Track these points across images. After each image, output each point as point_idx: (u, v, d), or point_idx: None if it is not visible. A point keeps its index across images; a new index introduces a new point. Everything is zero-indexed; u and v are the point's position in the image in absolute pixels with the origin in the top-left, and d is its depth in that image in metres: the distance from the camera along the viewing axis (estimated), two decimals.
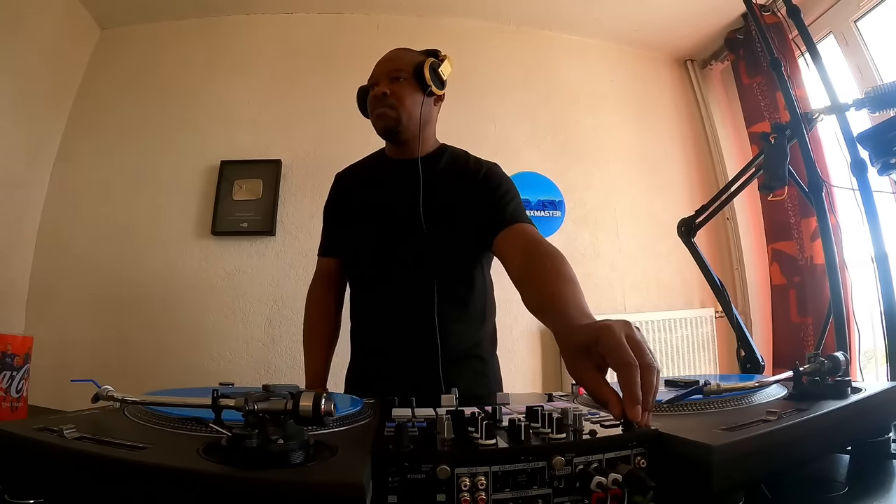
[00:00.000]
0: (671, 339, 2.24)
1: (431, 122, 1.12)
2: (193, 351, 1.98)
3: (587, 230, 2.32)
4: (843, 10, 2.04)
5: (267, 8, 2.33)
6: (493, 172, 1.08)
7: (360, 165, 1.22)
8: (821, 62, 1.06)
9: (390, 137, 1.08)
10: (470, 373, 1.04)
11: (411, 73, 1.06)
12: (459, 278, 1.05)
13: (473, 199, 1.03)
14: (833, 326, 0.96)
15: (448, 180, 1.07)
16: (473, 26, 2.43)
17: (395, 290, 1.05)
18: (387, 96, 1.04)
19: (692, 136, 2.62)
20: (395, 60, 1.08)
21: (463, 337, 1.05)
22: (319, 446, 0.41)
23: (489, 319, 1.12)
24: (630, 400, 0.46)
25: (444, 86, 1.10)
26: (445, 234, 1.01)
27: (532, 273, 0.82)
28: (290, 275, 2.08)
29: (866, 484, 0.53)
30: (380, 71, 1.08)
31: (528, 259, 0.86)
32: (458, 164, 1.10)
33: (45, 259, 2.01)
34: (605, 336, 0.50)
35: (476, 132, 2.25)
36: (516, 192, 1.07)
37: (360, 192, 1.15)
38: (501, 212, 1.00)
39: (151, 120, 2.19)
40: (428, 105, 1.08)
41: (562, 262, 0.81)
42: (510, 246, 0.95)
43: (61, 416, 0.51)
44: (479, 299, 1.09)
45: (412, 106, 1.05)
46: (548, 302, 0.71)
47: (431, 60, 1.07)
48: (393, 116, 1.04)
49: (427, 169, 1.06)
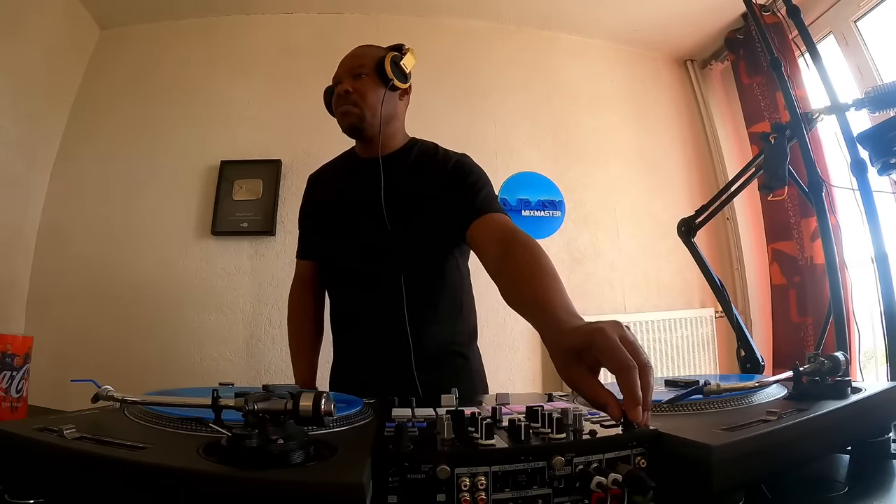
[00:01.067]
0: (671, 339, 2.24)
1: (397, 116, 1.10)
2: (193, 351, 1.98)
3: (587, 230, 2.32)
4: (843, 10, 2.04)
5: (267, 8, 2.33)
6: (462, 163, 1.06)
7: (331, 165, 1.21)
8: (821, 62, 1.06)
9: (355, 135, 1.07)
10: (450, 370, 1.04)
11: (373, 69, 1.04)
12: (431, 275, 1.04)
13: (443, 191, 1.01)
14: (833, 326, 0.96)
15: (416, 175, 1.05)
16: (474, 26, 2.43)
17: (366, 290, 1.05)
18: (349, 94, 1.02)
19: (692, 137, 2.62)
20: (356, 57, 1.07)
21: (439, 334, 1.03)
22: (319, 446, 0.41)
23: (466, 314, 1.10)
24: (631, 401, 0.46)
25: (408, 79, 1.08)
26: (414, 231, 1.00)
27: (510, 266, 0.80)
28: (290, 275, 2.04)
29: (866, 484, 0.53)
30: (342, 69, 1.07)
31: (504, 251, 0.84)
32: (427, 158, 1.08)
33: (45, 259, 2.01)
34: (600, 339, 0.49)
35: (476, 132, 2.24)
36: (487, 180, 1.04)
37: (330, 192, 1.14)
38: (472, 201, 0.97)
39: (151, 120, 2.19)
40: (392, 100, 1.06)
41: (539, 253, 0.79)
42: (484, 236, 0.92)
43: (61, 416, 0.51)
44: (455, 294, 1.07)
45: (375, 102, 1.03)
46: (530, 299, 0.69)
47: (392, 54, 1.05)
48: (356, 114, 1.03)
49: (396, 164, 1.05)
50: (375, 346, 1.04)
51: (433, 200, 1.01)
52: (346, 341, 1.12)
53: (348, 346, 1.12)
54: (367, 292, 1.05)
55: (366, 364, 1.05)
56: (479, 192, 0.99)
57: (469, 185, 1.01)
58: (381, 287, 1.02)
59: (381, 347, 1.02)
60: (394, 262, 1.00)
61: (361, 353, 1.07)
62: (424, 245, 1.02)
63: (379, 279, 1.02)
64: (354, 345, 1.10)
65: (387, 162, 1.04)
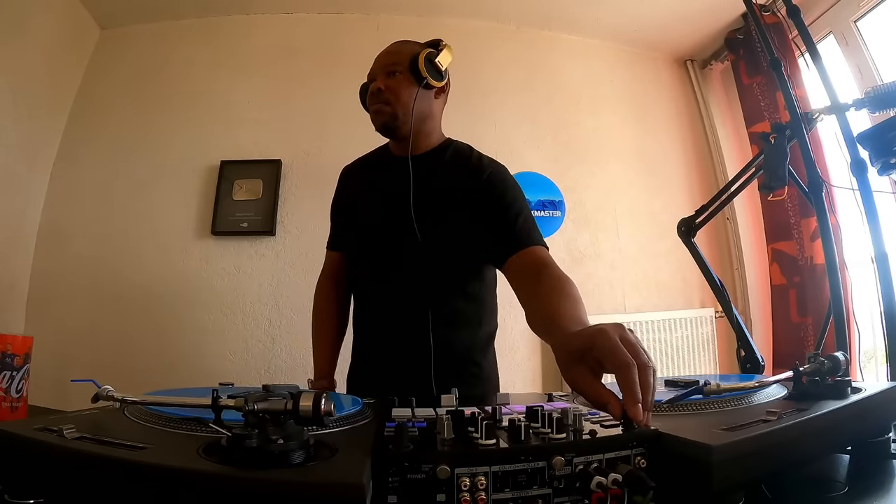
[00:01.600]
0: (671, 339, 2.24)
1: (433, 115, 1.08)
2: (193, 351, 1.98)
3: (587, 230, 2.32)
4: (843, 10, 2.04)
5: (267, 8, 2.33)
6: (498, 177, 1.04)
7: (364, 160, 1.20)
8: (821, 62, 1.06)
9: (388, 133, 1.06)
10: (466, 377, 1.03)
11: (407, 66, 1.02)
12: (456, 281, 1.03)
13: (476, 199, 1.00)
14: (833, 326, 0.95)
15: (450, 177, 1.04)
16: (474, 26, 2.43)
17: (390, 292, 1.04)
18: (382, 92, 1.01)
19: (692, 137, 2.62)
20: (391, 54, 1.05)
21: (458, 342, 1.03)
22: (319, 446, 0.41)
23: (488, 321, 1.10)
24: (631, 400, 0.46)
25: (444, 76, 1.05)
26: (443, 233, 0.99)
27: (538, 295, 0.83)
28: (290, 275, 2.08)
29: (866, 484, 0.53)
30: (377, 66, 1.06)
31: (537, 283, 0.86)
32: (461, 161, 1.07)
33: (45, 259, 2.01)
34: (600, 340, 0.50)
35: (477, 132, 2.23)
36: (523, 201, 1.03)
37: (363, 187, 1.14)
38: (511, 231, 0.96)
39: (151, 120, 2.19)
40: (426, 98, 1.04)
41: (568, 284, 0.82)
42: (521, 273, 0.92)
43: (61, 416, 0.51)
44: (478, 302, 1.07)
45: (408, 100, 1.02)
46: (548, 318, 0.72)
47: (427, 51, 1.03)
48: (388, 112, 1.01)
49: (430, 164, 1.04)
50: (393, 350, 1.03)
51: (464, 206, 1.00)
52: (365, 342, 1.11)
53: (366, 348, 1.11)
54: (391, 291, 1.04)
55: (382, 368, 1.04)
56: (515, 219, 0.98)
57: (505, 207, 0.99)
58: (406, 287, 1.02)
59: (400, 348, 1.02)
60: (420, 267, 0.99)
61: (378, 357, 1.07)
62: (453, 247, 1.01)
63: (405, 278, 1.02)
64: (372, 347, 1.09)
65: (421, 161, 1.03)
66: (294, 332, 2.03)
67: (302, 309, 2.05)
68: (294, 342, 2.02)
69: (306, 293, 2.04)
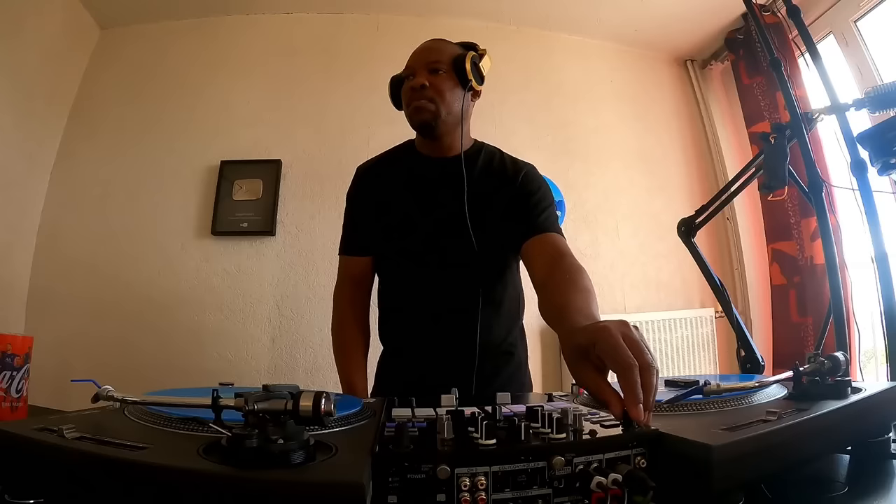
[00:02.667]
0: (671, 339, 2.24)
1: (468, 118, 1.08)
2: (193, 351, 1.98)
3: (587, 230, 2.33)
4: (843, 10, 2.04)
5: (267, 8, 2.33)
6: (531, 176, 1.06)
7: (386, 159, 1.14)
8: (821, 62, 1.06)
9: (426, 132, 1.03)
10: (505, 369, 1.07)
11: (451, 66, 1.01)
12: (497, 276, 1.06)
13: (509, 202, 1.02)
14: (833, 326, 0.95)
15: (485, 181, 1.05)
16: (474, 26, 2.43)
17: (431, 289, 1.04)
18: (425, 88, 0.99)
19: (692, 137, 2.62)
20: (433, 51, 1.04)
21: (499, 334, 1.06)
22: (319, 446, 0.41)
23: (521, 316, 1.14)
24: (632, 400, 0.46)
25: (484, 81, 1.06)
26: (485, 235, 1.01)
27: (550, 283, 0.83)
28: (290, 275, 2.08)
29: (866, 484, 0.53)
30: (417, 61, 1.03)
31: (551, 269, 0.87)
32: (495, 163, 1.08)
33: (45, 259, 2.01)
34: (603, 337, 0.50)
35: (476, 132, 2.23)
36: (552, 198, 1.06)
37: (392, 188, 1.08)
38: (534, 218, 0.99)
39: (151, 120, 2.19)
40: (466, 101, 1.04)
41: (581, 274, 0.83)
42: (537, 254, 0.95)
43: (61, 416, 0.51)
44: (513, 298, 1.10)
45: (452, 100, 1.01)
46: (557, 309, 0.72)
47: (472, 54, 1.03)
48: (431, 110, 0.99)
49: (466, 166, 1.03)
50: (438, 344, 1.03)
51: (501, 207, 1.02)
52: (402, 337, 1.11)
53: (403, 343, 1.10)
54: (430, 290, 1.04)
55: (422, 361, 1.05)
56: (543, 211, 1.01)
57: (535, 201, 1.02)
58: (446, 286, 1.03)
59: (443, 345, 1.02)
60: (466, 262, 1.00)
61: (418, 351, 1.07)
62: (494, 247, 1.02)
63: (445, 278, 1.03)
64: (411, 342, 1.09)
65: (455, 164, 1.03)
66: (294, 332, 2.03)
67: (302, 309, 2.05)
68: (294, 342, 2.02)
69: (306, 293, 2.07)
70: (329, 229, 2.07)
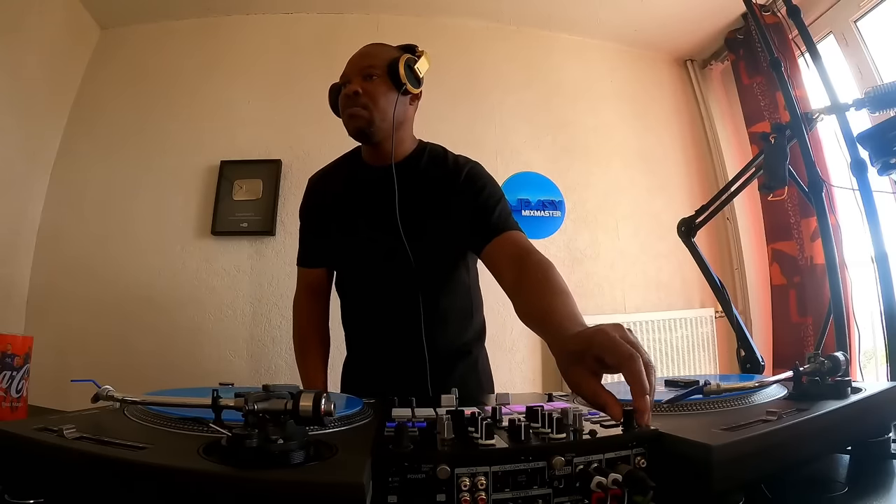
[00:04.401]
0: (671, 339, 2.24)
1: (407, 121, 1.07)
2: (193, 351, 1.98)
3: (587, 230, 2.32)
4: (843, 10, 2.04)
5: (267, 8, 2.33)
6: (475, 173, 1.04)
7: (333, 170, 1.15)
8: (821, 62, 1.06)
9: (362, 139, 1.03)
10: (460, 370, 1.06)
11: (385, 71, 0.99)
12: (442, 279, 1.04)
13: (456, 202, 1.00)
14: (833, 326, 0.96)
15: (428, 182, 1.03)
16: (474, 26, 2.43)
17: (379, 297, 1.05)
18: (358, 95, 0.97)
19: (692, 136, 2.62)
20: (367, 57, 1.02)
21: (450, 338, 1.05)
22: (319, 446, 0.41)
23: (476, 315, 1.12)
24: (639, 390, 0.46)
25: (421, 84, 1.04)
26: (427, 239, 1.00)
27: (524, 285, 0.82)
28: (290, 275, 2.06)
29: (866, 484, 0.53)
30: (352, 68, 1.02)
31: (519, 272, 0.86)
32: (438, 165, 1.06)
33: (45, 259, 2.01)
34: (599, 337, 0.50)
35: (476, 132, 2.24)
36: (501, 192, 1.04)
37: (337, 199, 1.09)
38: (488, 219, 0.97)
39: (151, 120, 2.19)
40: (403, 104, 1.02)
41: (552, 272, 0.81)
42: (501, 256, 0.93)
43: (61, 416, 0.51)
44: (465, 298, 1.09)
45: (386, 106, 0.99)
46: (539, 314, 0.72)
47: (407, 57, 1.01)
48: (365, 117, 0.98)
49: (406, 171, 1.03)
50: (387, 349, 1.05)
51: (445, 209, 1.01)
52: (359, 343, 1.13)
53: (361, 348, 1.12)
54: (379, 298, 1.05)
55: (377, 367, 1.06)
56: (493, 209, 0.99)
57: (483, 200, 1.00)
58: (393, 293, 1.03)
59: (393, 351, 1.04)
60: (407, 270, 0.99)
61: (373, 357, 1.08)
62: (437, 252, 1.02)
63: (391, 285, 1.03)
64: (366, 348, 1.11)
65: (398, 168, 1.01)
66: None
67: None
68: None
69: None
70: None
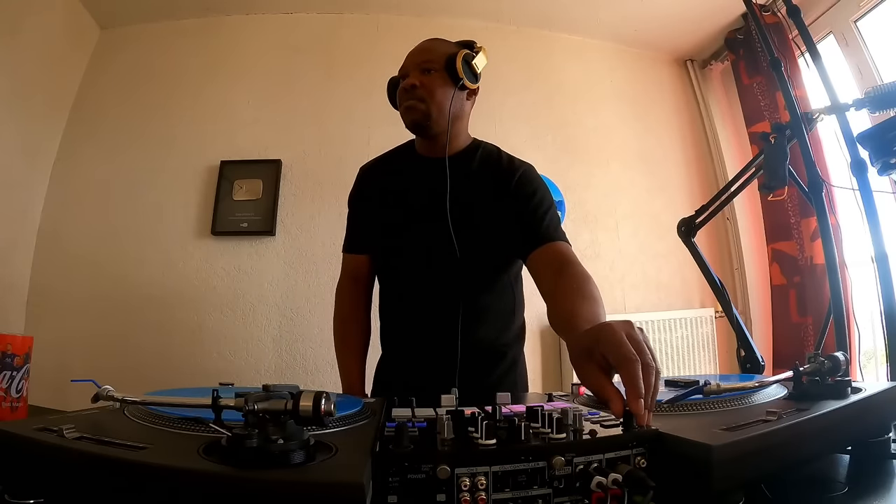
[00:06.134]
0: (671, 339, 2.24)
1: (463, 116, 1.08)
2: (193, 351, 1.98)
3: (587, 230, 2.33)
4: (843, 10, 2.04)
5: (267, 8, 2.33)
6: (528, 177, 1.04)
7: (387, 159, 1.16)
8: (821, 62, 1.06)
9: (419, 131, 1.04)
10: (498, 370, 1.05)
11: (443, 66, 1.01)
12: (486, 280, 1.04)
13: (506, 203, 1.01)
14: (833, 326, 0.96)
15: (480, 179, 1.04)
16: (474, 26, 2.42)
17: (421, 290, 1.05)
18: (416, 88, 0.99)
19: (692, 136, 2.62)
20: (426, 51, 1.04)
21: (488, 336, 1.05)
22: (319, 446, 0.41)
23: (517, 316, 1.12)
24: (633, 394, 0.46)
25: (478, 79, 1.05)
26: (476, 235, 1.00)
27: (558, 291, 0.84)
28: (290, 275, 2.08)
29: (866, 484, 0.53)
30: (410, 62, 1.04)
31: (557, 279, 0.87)
32: (491, 164, 1.07)
33: (45, 259, 2.01)
34: (605, 334, 0.51)
35: (476, 132, 2.22)
36: (551, 199, 1.04)
37: (390, 187, 1.09)
38: (537, 228, 0.98)
39: (151, 120, 2.19)
40: (459, 99, 1.03)
41: (588, 282, 0.83)
42: (543, 266, 0.94)
43: (61, 416, 0.51)
44: (507, 299, 1.08)
45: (442, 99, 1.00)
46: (566, 317, 0.73)
47: (465, 52, 1.02)
48: (422, 110, 1.00)
49: (459, 166, 1.03)
50: (425, 344, 1.04)
51: (496, 210, 1.01)
52: (396, 338, 1.12)
53: (398, 344, 1.11)
54: (421, 292, 1.05)
55: (412, 362, 1.06)
56: (543, 217, 0.99)
57: (534, 206, 1.00)
58: (434, 285, 1.03)
59: (430, 346, 1.03)
60: (451, 263, 0.99)
61: (408, 352, 1.08)
62: (483, 248, 1.01)
63: (434, 277, 1.02)
64: (404, 342, 1.10)
65: (451, 162, 1.02)
66: (294, 331, 2.03)
67: (302, 309, 2.05)
68: (294, 342, 2.02)
69: (306, 293, 2.07)
70: (329, 229, 2.07)
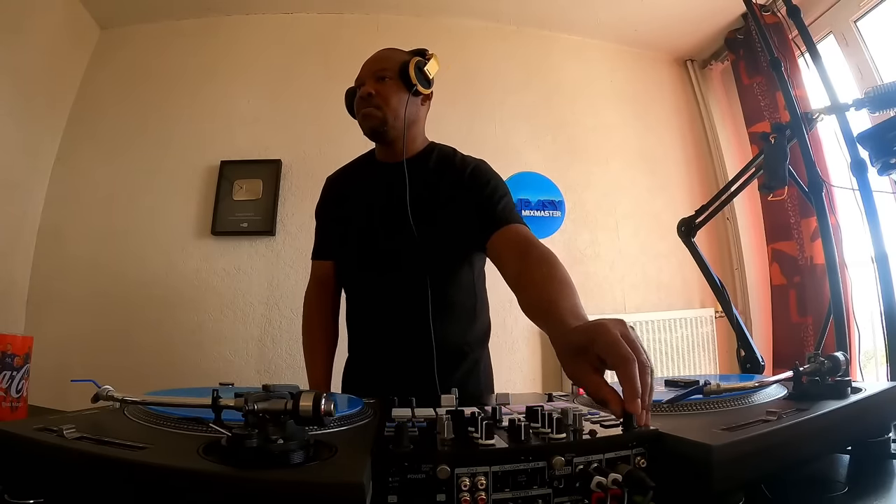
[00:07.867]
0: (671, 339, 2.24)
1: (418, 121, 1.12)
2: (193, 351, 1.98)
3: (587, 230, 2.32)
4: (843, 10, 2.04)
5: (267, 8, 2.33)
6: (480, 170, 1.07)
7: (349, 168, 1.22)
8: (821, 62, 1.06)
9: (376, 138, 1.08)
10: (461, 370, 1.05)
11: (397, 73, 1.05)
12: (448, 277, 1.05)
13: (462, 197, 1.03)
14: (833, 326, 0.95)
15: (436, 179, 1.06)
16: (473, 26, 2.43)
17: (385, 291, 1.06)
18: (372, 96, 1.03)
19: (692, 136, 2.62)
20: (380, 60, 1.08)
21: (453, 335, 1.05)
22: (319, 446, 0.41)
23: (480, 316, 1.12)
24: (630, 393, 0.46)
25: (431, 84, 1.10)
26: (435, 235, 1.01)
27: (527, 278, 0.82)
28: (290, 275, 2.08)
29: (866, 484, 0.53)
30: (366, 71, 1.09)
31: (523, 263, 0.86)
32: (446, 163, 1.10)
33: (45, 259, 2.01)
34: (601, 334, 0.50)
35: (477, 132, 2.25)
36: (506, 188, 1.06)
37: (349, 194, 1.15)
38: (492, 212, 0.99)
39: (151, 120, 2.19)
40: (414, 104, 1.08)
41: (556, 265, 0.82)
42: (504, 249, 0.94)
43: (61, 416, 0.51)
44: (469, 297, 1.09)
45: (397, 105, 1.05)
46: (543, 307, 0.71)
47: (417, 59, 1.07)
48: (378, 117, 1.04)
49: (416, 169, 1.06)
50: (390, 346, 1.05)
51: (452, 205, 1.03)
52: (362, 340, 1.13)
53: (363, 346, 1.13)
54: (384, 293, 1.06)
55: (379, 363, 1.07)
56: (497, 203, 1.01)
57: (488, 194, 1.02)
58: (399, 288, 1.04)
59: (395, 347, 1.04)
60: (414, 265, 1.00)
61: (375, 353, 1.09)
62: (443, 248, 1.03)
63: (397, 281, 1.04)
64: (369, 344, 1.11)
65: (409, 165, 1.05)
66: (294, 331, 2.02)
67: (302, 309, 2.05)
68: (294, 342, 2.02)
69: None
70: None
